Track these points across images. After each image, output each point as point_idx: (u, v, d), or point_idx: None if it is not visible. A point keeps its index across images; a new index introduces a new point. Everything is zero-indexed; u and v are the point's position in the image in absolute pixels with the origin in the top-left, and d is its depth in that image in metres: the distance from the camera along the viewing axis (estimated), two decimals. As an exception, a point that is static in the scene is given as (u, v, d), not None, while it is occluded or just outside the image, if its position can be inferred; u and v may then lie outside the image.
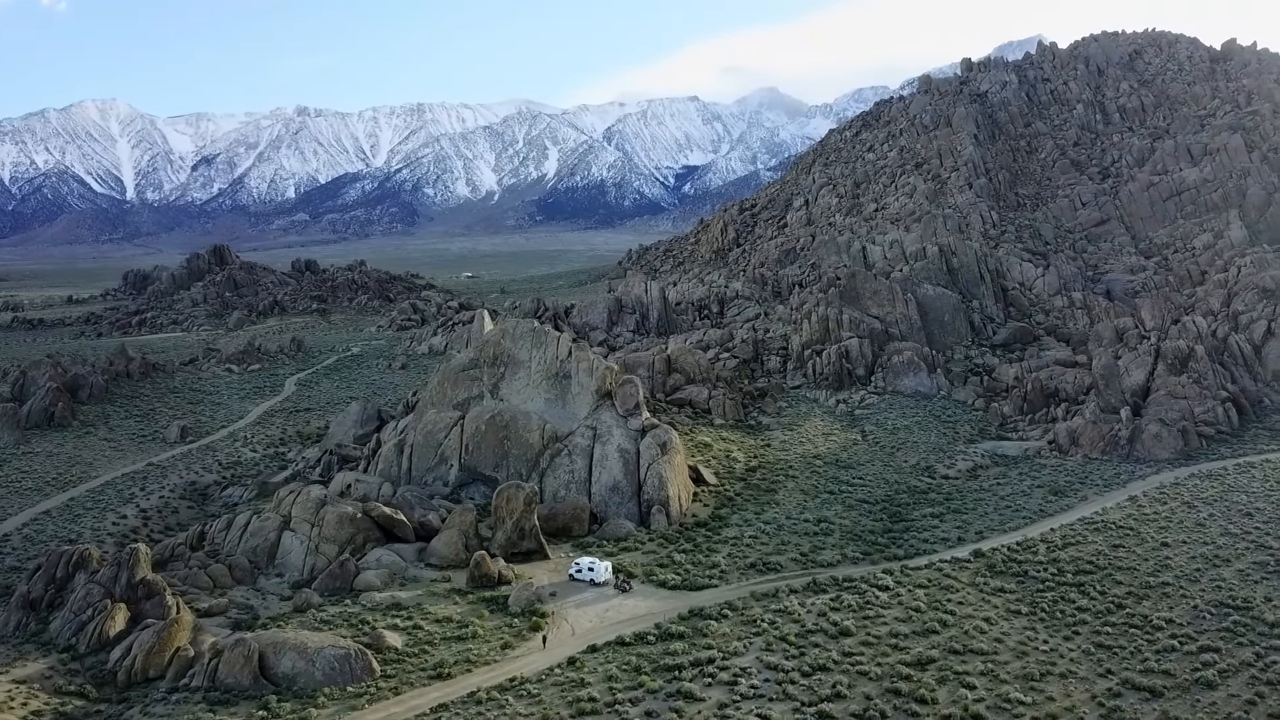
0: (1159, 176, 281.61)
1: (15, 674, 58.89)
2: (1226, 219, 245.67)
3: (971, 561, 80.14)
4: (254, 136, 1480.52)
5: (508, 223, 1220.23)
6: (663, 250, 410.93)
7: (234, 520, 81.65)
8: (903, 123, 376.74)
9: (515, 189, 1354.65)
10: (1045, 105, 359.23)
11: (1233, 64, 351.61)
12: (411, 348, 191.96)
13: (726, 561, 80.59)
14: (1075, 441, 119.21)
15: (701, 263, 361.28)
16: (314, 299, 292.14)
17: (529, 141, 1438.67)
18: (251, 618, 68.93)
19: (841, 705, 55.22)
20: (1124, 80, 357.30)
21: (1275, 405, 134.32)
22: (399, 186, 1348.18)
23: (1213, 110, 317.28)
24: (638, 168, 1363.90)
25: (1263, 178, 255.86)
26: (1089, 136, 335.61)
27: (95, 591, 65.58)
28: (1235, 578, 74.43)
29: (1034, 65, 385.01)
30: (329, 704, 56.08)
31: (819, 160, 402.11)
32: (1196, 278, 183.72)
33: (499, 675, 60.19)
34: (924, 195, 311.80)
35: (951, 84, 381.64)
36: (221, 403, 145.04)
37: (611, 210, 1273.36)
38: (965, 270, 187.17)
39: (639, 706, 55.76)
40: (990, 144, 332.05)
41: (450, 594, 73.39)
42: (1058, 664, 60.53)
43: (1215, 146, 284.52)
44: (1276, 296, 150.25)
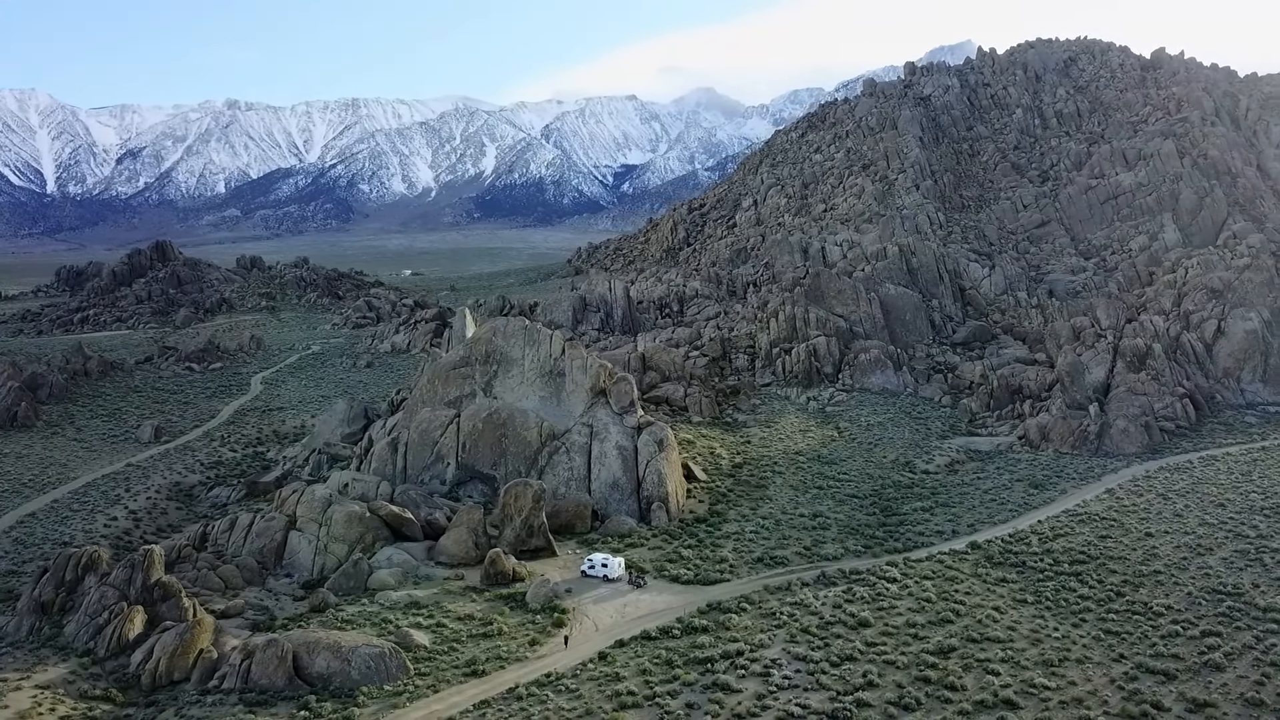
0: (1096, 180, 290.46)
1: (37, 679, 57.56)
2: (1161, 222, 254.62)
3: (969, 553, 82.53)
4: (182, 130, 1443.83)
5: (445, 220, 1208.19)
6: (612, 249, 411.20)
7: (237, 520, 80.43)
8: (849, 125, 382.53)
9: (452, 186, 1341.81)
10: (986, 109, 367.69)
11: (1162, 72, 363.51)
12: (374, 346, 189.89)
13: (734, 556, 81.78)
14: (1046, 437, 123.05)
15: (652, 261, 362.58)
16: (262, 296, 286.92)
17: (466, 138, 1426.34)
18: (268, 619, 68.18)
19: (876, 694, 56.72)
20: (1060, 86, 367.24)
21: (1227, 401, 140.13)
22: (334, 183, 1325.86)
23: (1145, 116, 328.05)
24: (576, 166, 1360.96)
25: (1194, 182, 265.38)
26: (1028, 140, 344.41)
27: (109, 594, 64.31)
28: (1221, 565, 77.83)
29: (974, 70, 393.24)
30: (369, 703, 55.90)
31: (766, 161, 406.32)
32: (1145, 278, 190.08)
33: (533, 671, 60.51)
34: (872, 196, 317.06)
35: (895, 87, 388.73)
36: (189, 402, 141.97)
37: (550, 208, 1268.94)
38: (924, 270, 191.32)
39: (678, 699, 56.59)
40: (934, 147, 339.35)
41: (466, 592, 73.39)
42: (1072, 650, 62.83)
43: (1149, 152, 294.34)
44: (1224, 297, 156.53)
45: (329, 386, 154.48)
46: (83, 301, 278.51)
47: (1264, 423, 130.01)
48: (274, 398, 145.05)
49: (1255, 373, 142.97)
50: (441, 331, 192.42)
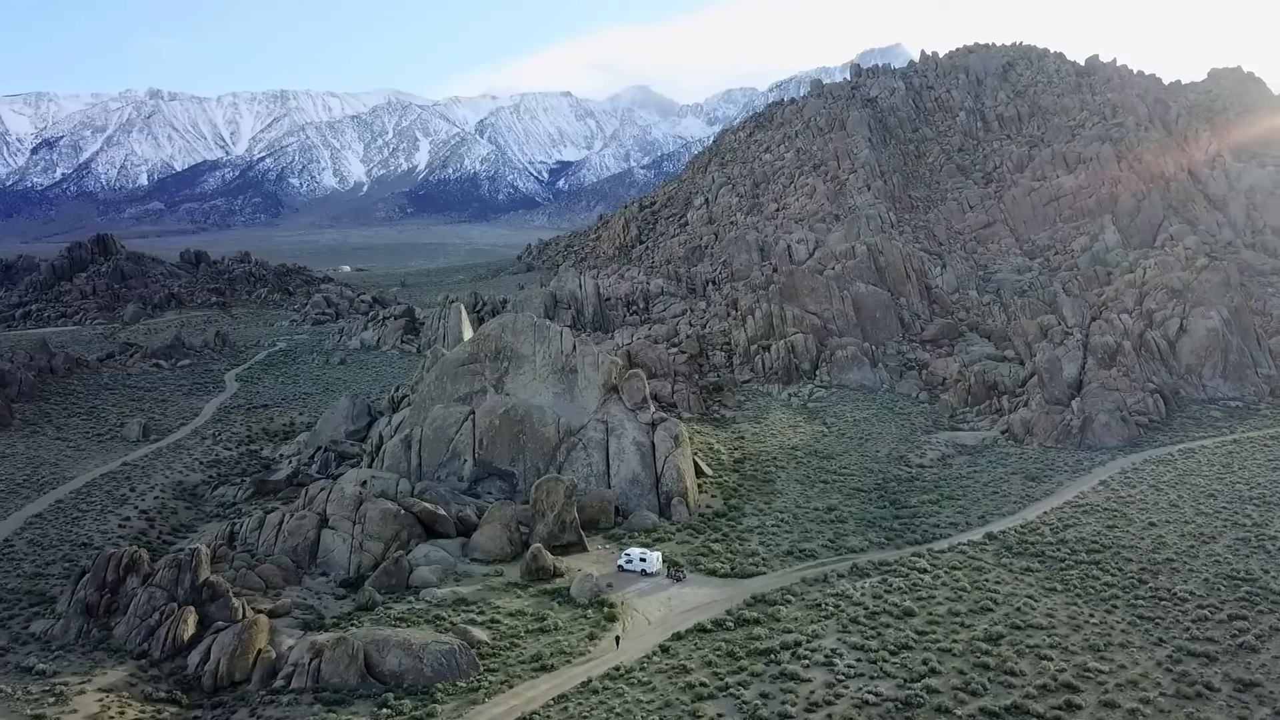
0: (1039, 183, 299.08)
1: (99, 683, 56.18)
2: (1101, 224, 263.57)
3: (988, 544, 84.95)
4: (101, 120, 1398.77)
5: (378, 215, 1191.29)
6: (563, 245, 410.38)
7: (265, 519, 79.10)
8: (797, 125, 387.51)
9: (385, 180, 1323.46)
10: (931, 112, 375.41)
11: (1096, 78, 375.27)
12: (342, 342, 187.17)
13: (763, 550, 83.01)
14: (1030, 431, 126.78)
15: (605, 259, 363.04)
16: (211, 292, 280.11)
17: (399, 133, 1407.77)
18: (316, 617, 67.37)
19: (941, 680, 58.39)
20: (1000, 90, 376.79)
21: (1191, 396, 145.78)
22: (262, 176, 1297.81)
23: (1082, 121, 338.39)
24: (511, 161, 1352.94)
25: (1131, 186, 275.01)
26: (971, 143, 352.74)
27: (158, 595, 62.98)
28: (1227, 553, 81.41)
29: (918, 73, 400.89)
30: (447, 700, 55.76)
31: (715, 160, 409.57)
32: (1103, 278, 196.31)
33: (600, 665, 60.93)
34: (825, 196, 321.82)
35: (843, 89, 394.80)
36: (165, 399, 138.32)
37: (485, 204, 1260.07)
38: (892, 269, 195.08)
39: (751, 689, 57.54)
40: (883, 147, 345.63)
41: (509, 588, 73.32)
42: (1112, 635, 65.34)
43: (1088, 156, 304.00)
44: (1184, 297, 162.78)
45: (306, 384, 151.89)
46: (22, 296, 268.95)
47: (1228, 417, 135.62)
48: (254, 395, 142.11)
49: (1216, 369, 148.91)
50: (412, 328, 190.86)
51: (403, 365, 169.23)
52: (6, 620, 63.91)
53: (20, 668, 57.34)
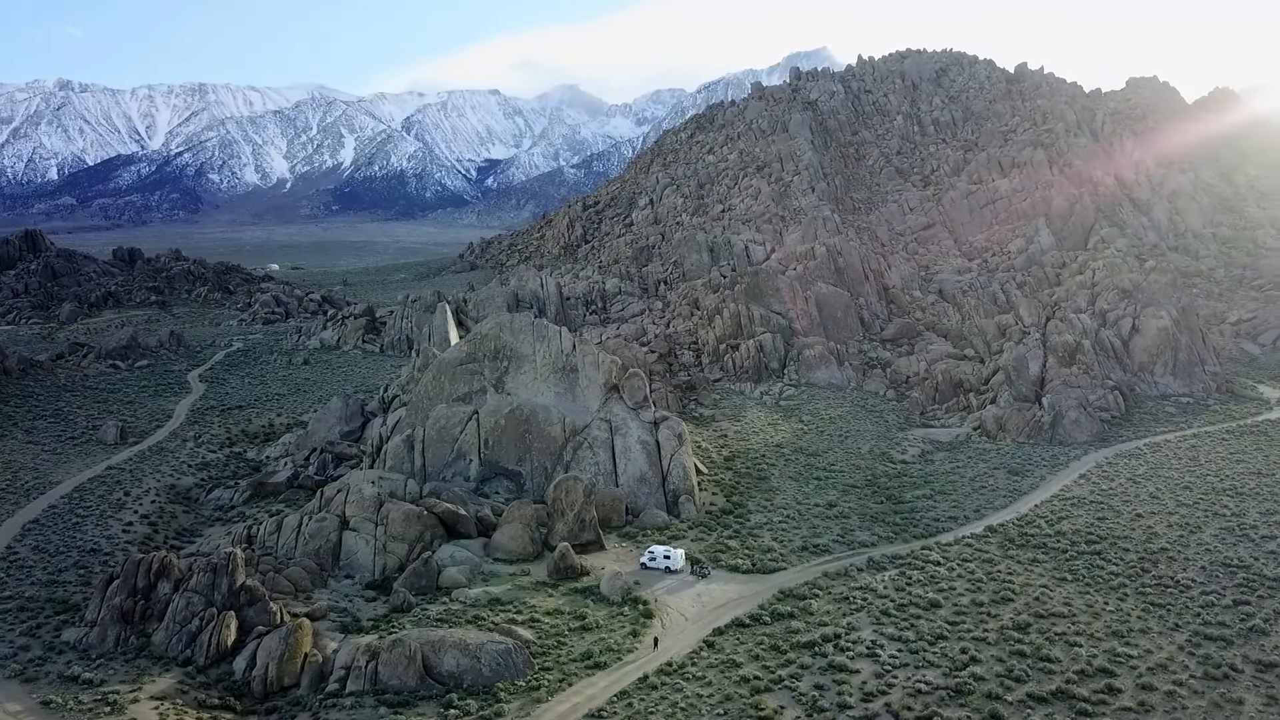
0: (975, 186, 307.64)
1: (149, 691, 54.93)
2: (1036, 226, 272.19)
3: (990, 536, 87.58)
4: (7, 111, 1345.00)
5: (302, 212, 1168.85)
6: (506, 244, 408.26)
7: (283, 522, 77.80)
8: (739, 127, 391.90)
9: (309, 177, 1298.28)
10: (869, 115, 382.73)
11: (1026, 85, 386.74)
12: (301, 342, 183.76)
13: (779, 546, 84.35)
14: (1003, 427, 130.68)
15: (550, 258, 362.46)
16: (150, 290, 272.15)
17: (324, 129, 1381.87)
18: (352, 620, 66.69)
19: (984, 668, 60.38)
20: (935, 95, 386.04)
21: (1145, 392, 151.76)
22: (180, 171, 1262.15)
23: (1014, 126, 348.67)
24: (439, 159, 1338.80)
25: (1064, 190, 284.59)
26: (909, 146, 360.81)
27: (195, 601, 61.69)
28: (1215, 541, 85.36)
29: (856, 77, 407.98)
30: (510, 699, 55.86)
31: (657, 160, 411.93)
32: (1053, 279, 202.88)
33: (651, 661, 61.58)
34: (770, 197, 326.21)
35: (784, 91, 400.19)
36: (132, 400, 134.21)
37: (412, 201, 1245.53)
38: (850, 270, 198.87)
39: (804, 681, 58.82)
40: (824, 150, 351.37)
41: (538, 587, 73.41)
42: (1130, 622, 68.20)
43: (1022, 160, 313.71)
44: (1134, 297, 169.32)
45: (274, 384, 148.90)
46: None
47: (1182, 412, 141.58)
48: (224, 396, 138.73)
49: (1167, 366, 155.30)
50: (373, 328, 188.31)
51: (368, 365, 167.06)
52: (35, 629, 61.88)
53: (64, 677, 55.75)
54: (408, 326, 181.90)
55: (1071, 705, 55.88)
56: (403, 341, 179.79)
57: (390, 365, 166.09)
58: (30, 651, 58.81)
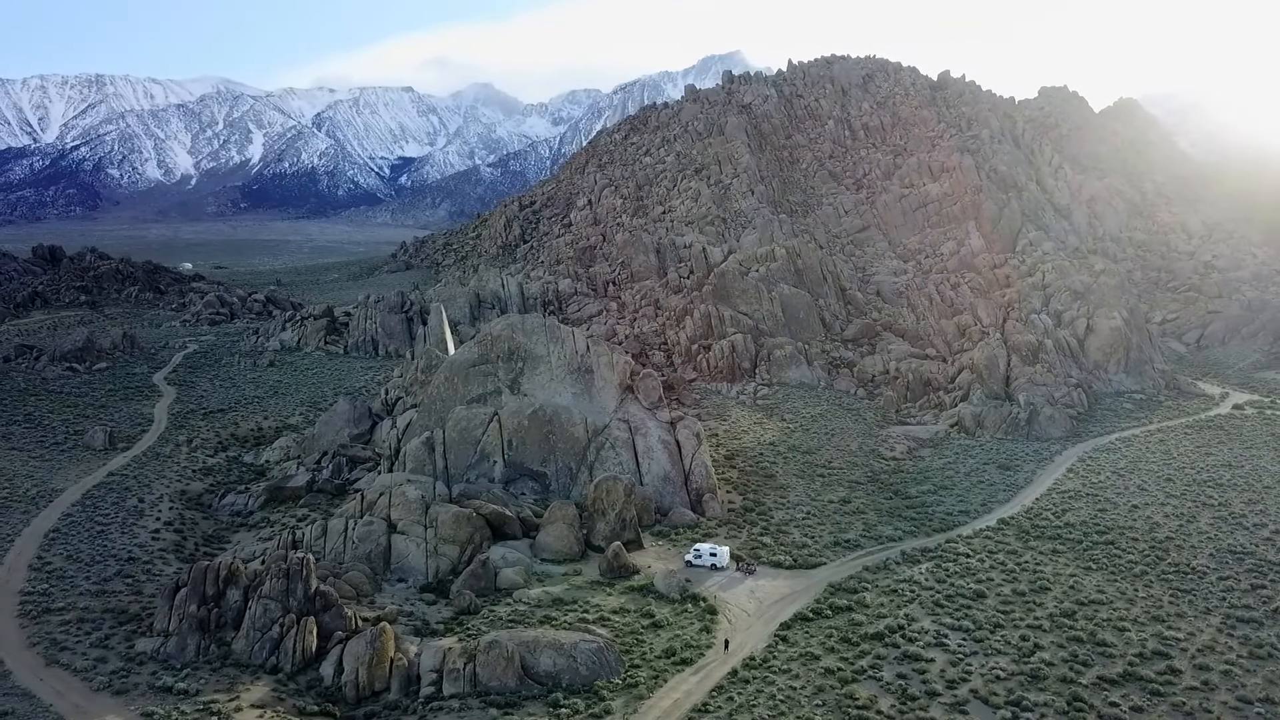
0: (907, 190, 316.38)
1: (247, 699, 54.00)
2: (966, 229, 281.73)
3: (1005, 529, 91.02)
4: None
5: (208, 209, 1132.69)
6: (441, 243, 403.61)
7: (328, 526, 76.54)
8: (675, 129, 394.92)
9: (215, 173, 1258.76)
10: (802, 119, 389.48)
11: (949, 92, 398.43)
12: (260, 344, 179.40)
13: (812, 541, 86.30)
14: (981, 424, 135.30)
15: (488, 257, 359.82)
16: (78, 290, 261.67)
17: (230, 124, 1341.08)
18: (422, 623, 66.33)
19: (1051, 654, 63.24)
20: (864, 101, 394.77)
21: (1102, 390, 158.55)
22: (76, 166, 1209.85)
23: (940, 133, 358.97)
24: (351, 157, 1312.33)
25: (992, 194, 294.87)
26: (841, 150, 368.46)
27: (273, 607, 60.65)
28: (1212, 530, 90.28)
29: (787, 81, 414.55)
30: (612, 697, 56.48)
31: (593, 161, 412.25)
32: (1003, 281, 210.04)
33: (731, 656, 62.74)
34: (710, 200, 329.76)
35: (718, 94, 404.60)
36: (103, 405, 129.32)
37: (324, 199, 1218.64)
38: (809, 271, 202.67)
39: (886, 671, 60.80)
40: (760, 153, 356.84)
41: (594, 586, 73.91)
42: (1163, 607, 72.01)
43: (951, 165, 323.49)
44: (1086, 298, 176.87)
45: (246, 387, 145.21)
46: None
47: (1139, 408, 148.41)
48: (199, 400, 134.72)
49: (1120, 365, 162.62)
50: (334, 329, 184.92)
51: (336, 367, 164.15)
52: (104, 641, 59.97)
53: (155, 688, 54.36)
54: (372, 328, 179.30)
55: (1142, 686, 59.03)
56: (368, 343, 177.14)
57: (360, 367, 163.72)
58: (109, 664, 57.11)
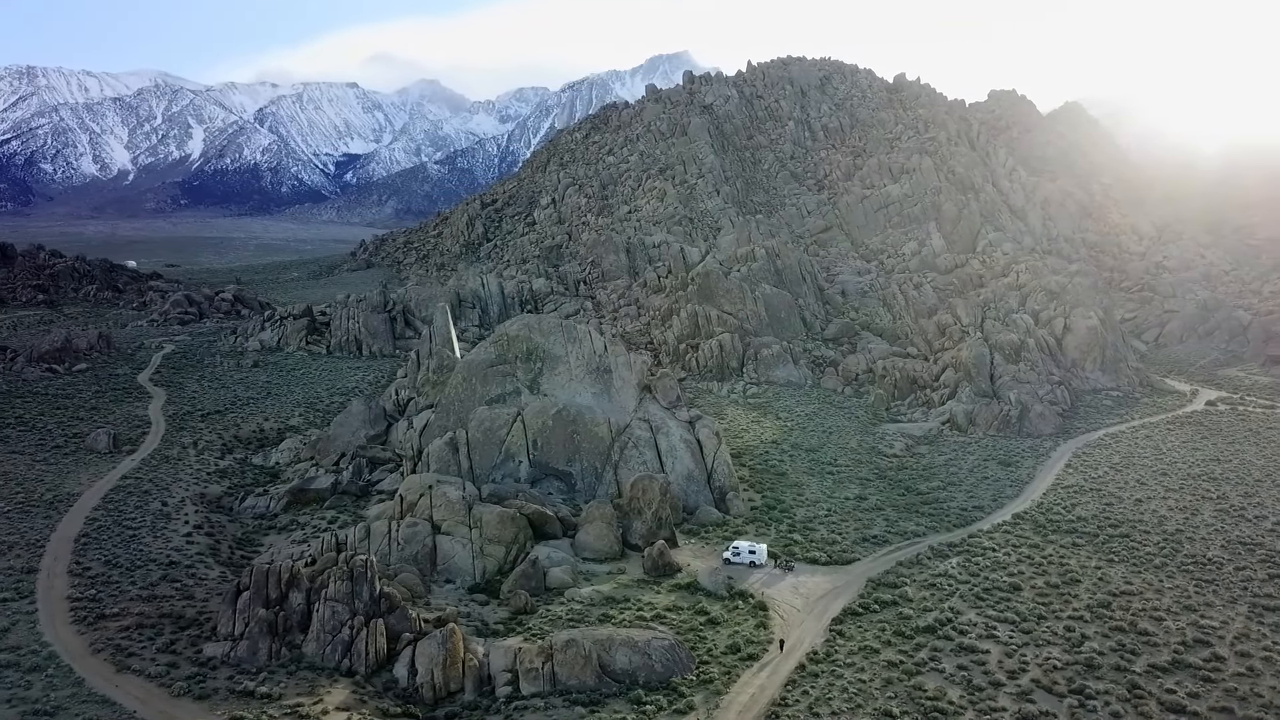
0: (869, 191, 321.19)
1: (329, 702, 53.68)
2: (927, 230, 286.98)
3: (1021, 524, 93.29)
4: None
5: (147, 205, 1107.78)
6: (401, 242, 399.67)
7: (371, 528, 76.06)
8: (638, 128, 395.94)
9: (154, 169, 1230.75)
10: (762, 120, 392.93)
11: (906, 95, 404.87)
12: (239, 344, 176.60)
13: (840, 538, 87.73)
14: (973, 421, 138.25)
15: (451, 256, 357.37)
16: (35, 289, 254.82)
17: (169, 118, 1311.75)
18: (482, 624, 66.39)
19: (1098, 643, 65.28)
20: (823, 102, 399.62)
21: (1080, 387, 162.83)
22: (8, 160, 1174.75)
23: (898, 134, 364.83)
24: (295, 153, 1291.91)
25: (951, 196, 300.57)
26: (801, 151, 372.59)
27: (340, 610, 60.31)
28: (1217, 522, 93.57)
29: (747, 82, 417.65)
30: (690, 693, 57.21)
31: (554, 160, 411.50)
32: (976, 280, 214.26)
33: (796, 651, 63.81)
34: (676, 199, 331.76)
35: (680, 94, 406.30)
36: (95, 406, 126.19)
37: (268, 196, 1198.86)
38: (789, 271, 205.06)
39: (946, 662, 62.30)
40: (723, 153, 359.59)
41: (640, 584, 74.53)
42: (1191, 597, 74.62)
43: (911, 167, 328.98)
44: (1062, 298, 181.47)
45: (236, 388, 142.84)
46: None
47: (1118, 405, 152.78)
48: (193, 402, 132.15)
49: (1096, 363, 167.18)
50: (314, 329, 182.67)
51: (323, 367, 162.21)
52: (170, 646, 59.02)
53: (236, 692, 53.78)
54: (354, 327, 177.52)
55: (1193, 673, 61.27)
56: (351, 343, 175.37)
57: (347, 367, 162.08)
58: (180, 669, 56.31)
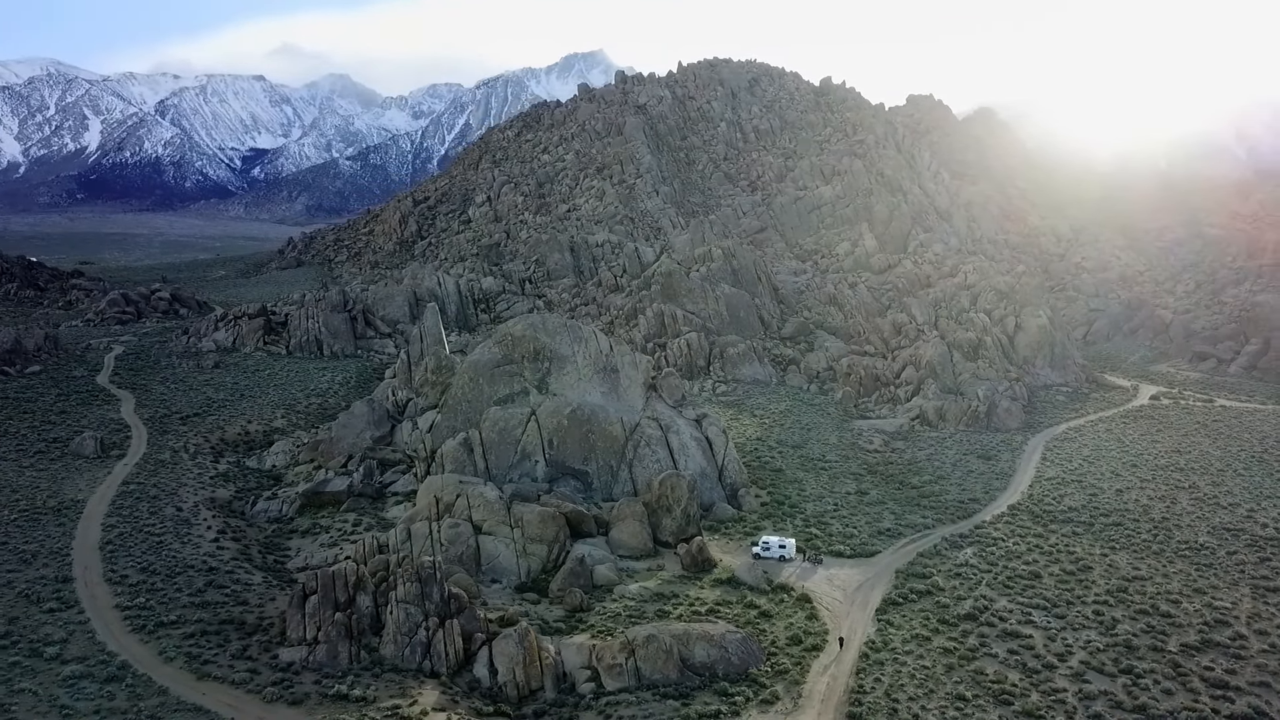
0: (802, 192, 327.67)
1: (423, 703, 53.64)
2: (860, 231, 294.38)
3: (1019, 515, 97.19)
4: None
5: (41, 200, 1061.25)
6: (332, 240, 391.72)
7: (411, 530, 75.49)
8: (572, 127, 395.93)
9: (47, 162, 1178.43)
10: (695, 121, 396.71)
11: (832, 98, 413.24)
12: (192, 344, 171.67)
13: (857, 532, 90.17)
14: (943, 417, 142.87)
15: (384, 254, 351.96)
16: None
17: (64, 109, 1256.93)
18: (542, 621, 66.80)
19: (1130, 625, 69.01)
20: (754, 104, 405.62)
21: (1033, 384, 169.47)
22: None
23: (827, 137, 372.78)
24: (199, 147, 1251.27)
25: (883, 197, 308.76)
26: (734, 152, 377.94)
27: (414, 612, 60.15)
28: (1196, 510, 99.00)
29: (679, 83, 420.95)
30: (772, 683, 58.80)
31: (486, 158, 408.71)
32: (924, 280, 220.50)
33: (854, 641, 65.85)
34: (616, 199, 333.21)
35: (614, 94, 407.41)
36: (65, 410, 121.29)
37: (171, 191, 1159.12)
38: (745, 271, 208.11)
39: (998, 646, 65.28)
40: (659, 154, 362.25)
41: (683, 580, 75.80)
42: (1200, 580, 79.11)
43: (842, 169, 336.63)
44: (1011, 298, 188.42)
45: (205, 390, 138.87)
46: None
47: (1071, 400, 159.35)
48: (166, 404, 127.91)
49: (1046, 360, 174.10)
50: (271, 329, 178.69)
51: (282, 369, 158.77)
52: (243, 652, 57.96)
53: (329, 696, 53.29)
54: (314, 327, 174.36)
55: (1226, 651, 65.31)
56: (311, 343, 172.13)
57: (313, 368, 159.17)
58: (262, 675, 55.46)
